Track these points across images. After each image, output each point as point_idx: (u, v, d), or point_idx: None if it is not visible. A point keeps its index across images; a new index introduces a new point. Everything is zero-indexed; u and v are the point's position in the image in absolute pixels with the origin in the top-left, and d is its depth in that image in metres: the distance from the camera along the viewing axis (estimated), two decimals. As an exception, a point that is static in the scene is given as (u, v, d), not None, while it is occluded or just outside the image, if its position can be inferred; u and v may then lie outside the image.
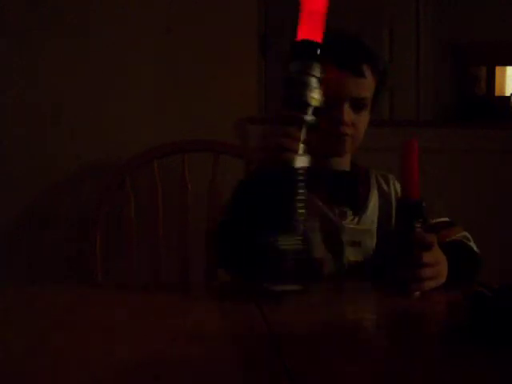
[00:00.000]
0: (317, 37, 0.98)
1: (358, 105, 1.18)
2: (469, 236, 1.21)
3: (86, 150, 2.02)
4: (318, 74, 0.97)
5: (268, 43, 2.26)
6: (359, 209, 1.22)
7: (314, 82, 0.96)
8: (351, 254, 1.19)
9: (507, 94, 2.55)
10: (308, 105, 0.96)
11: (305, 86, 0.96)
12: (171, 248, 1.69)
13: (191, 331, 0.79)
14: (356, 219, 1.21)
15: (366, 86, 1.19)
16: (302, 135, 0.96)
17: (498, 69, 2.59)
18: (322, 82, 0.98)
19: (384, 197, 1.26)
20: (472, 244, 1.20)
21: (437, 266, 0.99)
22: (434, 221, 1.21)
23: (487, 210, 2.05)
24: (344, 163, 1.26)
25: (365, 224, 1.22)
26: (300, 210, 0.95)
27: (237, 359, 0.68)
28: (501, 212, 2.07)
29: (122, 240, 1.69)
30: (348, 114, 1.17)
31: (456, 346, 0.73)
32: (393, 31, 2.54)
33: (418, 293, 0.96)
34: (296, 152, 0.95)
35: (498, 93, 2.58)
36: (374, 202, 1.25)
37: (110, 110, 2.02)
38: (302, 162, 0.96)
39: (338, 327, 0.81)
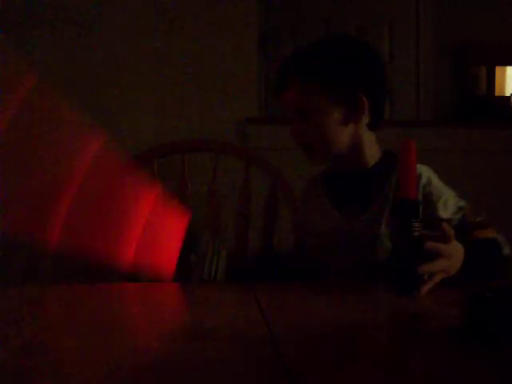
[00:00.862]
0: None
1: (298, 115, 1.23)
2: (500, 239, 1.18)
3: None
4: None
5: (268, 43, 2.26)
6: (367, 207, 1.21)
7: None
8: (363, 254, 1.19)
9: (507, 94, 2.55)
10: None
11: None
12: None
13: (191, 331, 0.79)
14: (363, 218, 1.20)
15: (293, 96, 1.22)
16: None
17: (497, 69, 2.59)
18: None
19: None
20: (504, 247, 1.16)
21: (449, 259, 0.98)
22: (476, 219, 1.20)
23: (487, 209, 2.05)
24: (357, 161, 1.24)
25: (374, 223, 1.20)
26: None
27: (237, 359, 0.68)
28: (501, 212, 2.07)
29: (122, 240, 1.69)
30: (294, 127, 1.23)
31: (456, 346, 0.73)
32: (393, 31, 2.54)
33: (415, 292, 0.96)
34: None
35: (498, 93, 2.57)
36: (385, 199, 1.22)
37: (110, 109, 2.02)
38: None
39: (337, 327, 0.81)
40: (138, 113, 2.02)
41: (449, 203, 1.22)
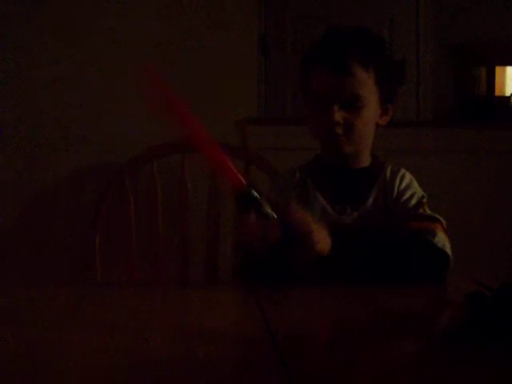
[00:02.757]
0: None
1: (350, 104, 1.17)
2: (438, 234, 1.15)
3: (86, 150, 2.02)
4: None
5: (268, 43, 2.26)
6: (359, 205, 1.22)
7: None
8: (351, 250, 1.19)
9: (507, 93, 2.55)
10: None
11: None
12: (171, 248, 1.69)
13: (191, 331, 0.79)
14: (355, 215, 1.21)
15: (356, 83, 1.17)
16: None
17: (497, 69, 2.58)
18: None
19: (392, 194, 1.24)
20: (438, 241, 1.14)
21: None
22: (422, 212, 1.19)
23: (487, 209, 2.05)
24: (359, 159, 1.26)
25: (364, 220, 1.21)
26: None
27: (237, 359, 0.68)
28: (501, 212, 2.07)
29: (122, 240, 1.69)
30: (338, 114, 1.17)
31: (456, 345, 0.73)
32: (392, 31, 2.54)
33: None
34: None
35: (498, 93, 2.57)
36: (374, 198, 1.24)
37: (110, 109, 2.02)
38: None
39: (338, 327, 0.81)
40: (137, 113, 2.02)
41: (413, 198, 1.23)
